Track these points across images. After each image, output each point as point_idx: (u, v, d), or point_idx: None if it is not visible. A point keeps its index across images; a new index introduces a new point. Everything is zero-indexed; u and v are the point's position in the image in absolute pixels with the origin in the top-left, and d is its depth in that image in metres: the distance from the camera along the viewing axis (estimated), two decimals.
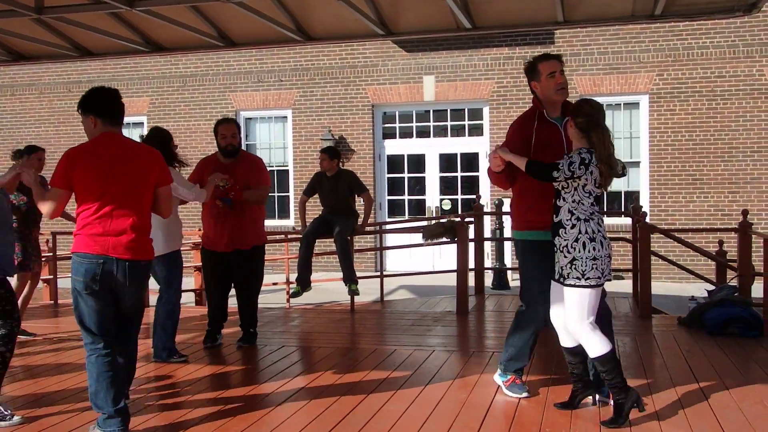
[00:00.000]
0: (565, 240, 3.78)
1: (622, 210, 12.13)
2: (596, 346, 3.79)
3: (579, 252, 3.73)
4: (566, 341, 4.00)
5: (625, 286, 9.30)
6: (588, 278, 3.73)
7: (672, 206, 11.97)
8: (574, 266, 3.74)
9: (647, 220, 7.60)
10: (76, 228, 3.74)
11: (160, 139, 5.46)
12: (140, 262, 3.80)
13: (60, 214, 3.85)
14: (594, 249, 3.73)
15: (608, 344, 3.80)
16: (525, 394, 4.35)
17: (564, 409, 4.11)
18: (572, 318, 3.81)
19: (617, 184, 12.23)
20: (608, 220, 12.26)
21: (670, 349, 5.66)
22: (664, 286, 10.69)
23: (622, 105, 12.28)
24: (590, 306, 3.78)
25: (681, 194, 11.93)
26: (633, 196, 12.22)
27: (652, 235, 7.50)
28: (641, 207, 8.43)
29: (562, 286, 3.83)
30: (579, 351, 3.96)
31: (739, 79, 11.69)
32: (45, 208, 3.77)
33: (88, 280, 3.66)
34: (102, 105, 3.84)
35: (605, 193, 3.88)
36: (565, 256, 3.78)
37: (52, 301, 8.84)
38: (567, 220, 3.78)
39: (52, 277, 8.97)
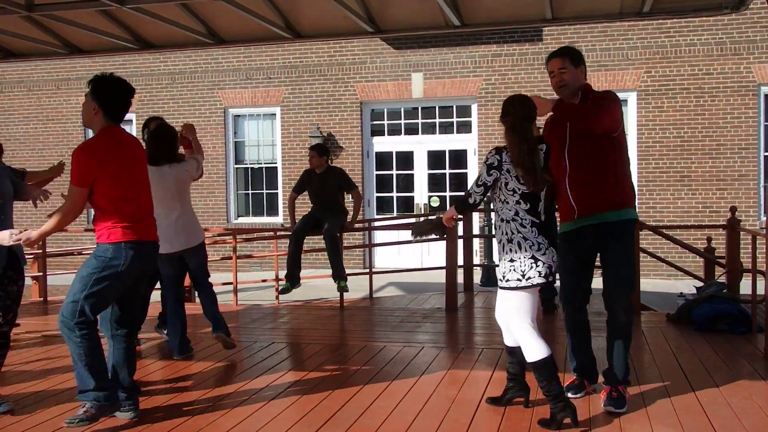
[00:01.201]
0: (501, 242, 3.78)
1: None
2: (533, 350, 3.73)
3: (516, 254, 3.70)
4: (507, 339, 3.99)
5: None
6: (527, 278, 3.69)
7: (660, 203, 12.03)
8: (512, 267, 3.72)
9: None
10: (110, 221, 3.79)
11: (170, 137, 5.51)
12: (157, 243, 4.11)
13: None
14: (529, 249, 3.67)
15: (546, 350, 3.72)
16: (573, 394, 4.20)
17: (493, 404, 4.12)
18: (511, 319, 3.79)
19: None
20: None
21: (659, 346, 5.68)
22: (652, 282, 10.75)
23: None
24: (527, 307, 3.75)
25: (669, 191, 11.99)
26: None
27: (640, 232, 7.53)
28: None
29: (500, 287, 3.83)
30: (516, 351, 3.95)
31: (726, 77, 11.76)
32: (71, 213, 3.80)
33: (135, 263, 3.84)
34: (115, 101, 3.86)
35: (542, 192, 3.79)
36: (504, 258, 3.77)
37: (42, 298, 8.80)
38: (496, 221, 3.77)
39: (41, 274, 8.93)
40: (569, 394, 4.11)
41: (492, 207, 3.81)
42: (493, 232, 3.71)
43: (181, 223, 5.39)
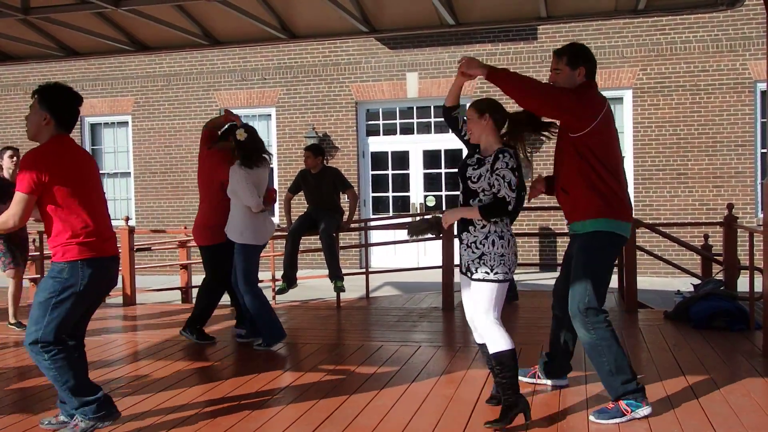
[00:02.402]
0: (474, 236, 3.76)
1: None
2: (497, 341, 3.73)
3: (488, 248, 3.71)
4: (479, 338, 3.97)
5: (611, 280, 9.32)
6: (496, 273, 3.71)
7: (657, 201, 12.03)
8: (482, 261, 3.72)
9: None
10: (63, 237, 3.57)
11: (257, 142, 5.69)
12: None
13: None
14: (502, 246, 3.71)
15: (509, 343, 3.73)
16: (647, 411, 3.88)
17: (490, 404, 4.11)
18: (478, 311, 3.79)
19: None
20: None
21: (657, 343, 5.67)
22: (648, 280, 10.75)
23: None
24: (496, 300, 3.75)
25: (666, 189, 11.99)
26: None
27: (637, 230, 7.52)
28: None
29: (469, 280, 3.80)
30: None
31: (722, 74, 11.76)
32: (12, 220, 3.53)
33: (95, 281, 3.64)
34: (67, 110, 3.69)
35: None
36: (474, 252, 3.75)
37: None
38: (479, 220, 3.73)
39: (39, 276, 8.88)
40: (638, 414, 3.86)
41: (471, 203, 3.77)
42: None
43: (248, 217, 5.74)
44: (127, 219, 9.05)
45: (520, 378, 4.12)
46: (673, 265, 8.42)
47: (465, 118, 4.04)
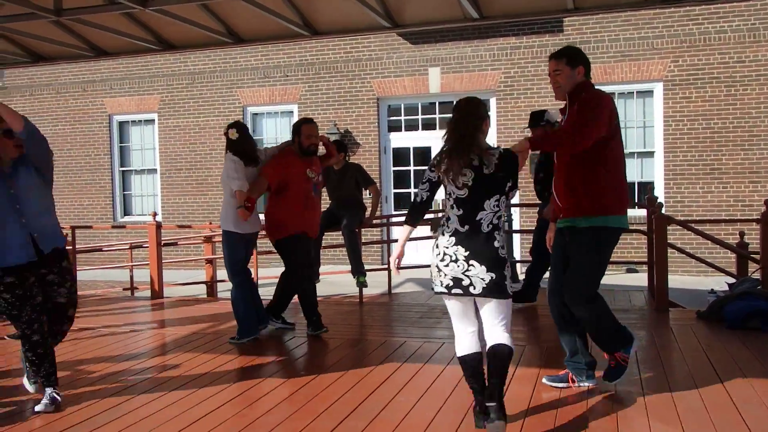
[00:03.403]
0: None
1: (636, 201, 11.92)
2: (456, 346, 3.71)
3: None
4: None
5: (641, 279, 9.12)
6: (434, 283, 3.65)
7: (688, 197, 11.74)
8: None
9: (662, 211, 7.40)
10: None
11: (246, 143, 5.89)
12: None
13: None
14: (435, 256, 3.62)
15: (463, 350, 3.66)
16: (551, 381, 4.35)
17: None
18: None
19: (631, 175, 12.03)
20: None
21: (689, 343, 5.48)
22: (680, 279, 10.50)
23: (635, 93, 12.04)
24: (450, 310, 3.71)
25: (698, 184, 11.70)
26: (647, 187, 12.00)
27: (668, 227, 7.30)
28: (656, 198, 8.23)
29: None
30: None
31: (759, 64, 11.38)
32: None
33: None
34: None
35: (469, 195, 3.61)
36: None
37: None
38: (490, 217, 3.59)
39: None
40: (545, 380, 4.36)
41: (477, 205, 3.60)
42: (508, 227, 3.62)
43: None
44: (155, 214, 9.20)
45: (552, 384, 4.26)
46: (706, 264, 8.17)
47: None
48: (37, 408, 4.12)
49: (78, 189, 14.97)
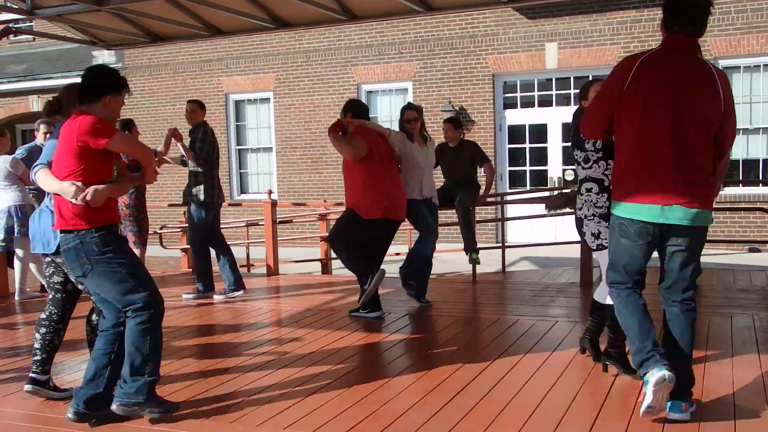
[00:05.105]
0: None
1: (761, 179, 11.34)
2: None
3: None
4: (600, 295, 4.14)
5: (763, 259, 8.72)
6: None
7: None
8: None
9: None
10: None
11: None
12: None
13: None
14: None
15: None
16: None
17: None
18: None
19: (756, 152, 11.44)
20: (744, 190, 11.50)
21: None
22: None
23: (761, 66, 11.39)
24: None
25: None
26: None
27: None
28: None
29: None
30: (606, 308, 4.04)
31: None
32: None
33: None
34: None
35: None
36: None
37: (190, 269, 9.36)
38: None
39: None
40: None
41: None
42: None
43: None
44: (270, 192, 9.43)
45: (674, 416, 3.43)
46: None
47: None
48: None
49: None
